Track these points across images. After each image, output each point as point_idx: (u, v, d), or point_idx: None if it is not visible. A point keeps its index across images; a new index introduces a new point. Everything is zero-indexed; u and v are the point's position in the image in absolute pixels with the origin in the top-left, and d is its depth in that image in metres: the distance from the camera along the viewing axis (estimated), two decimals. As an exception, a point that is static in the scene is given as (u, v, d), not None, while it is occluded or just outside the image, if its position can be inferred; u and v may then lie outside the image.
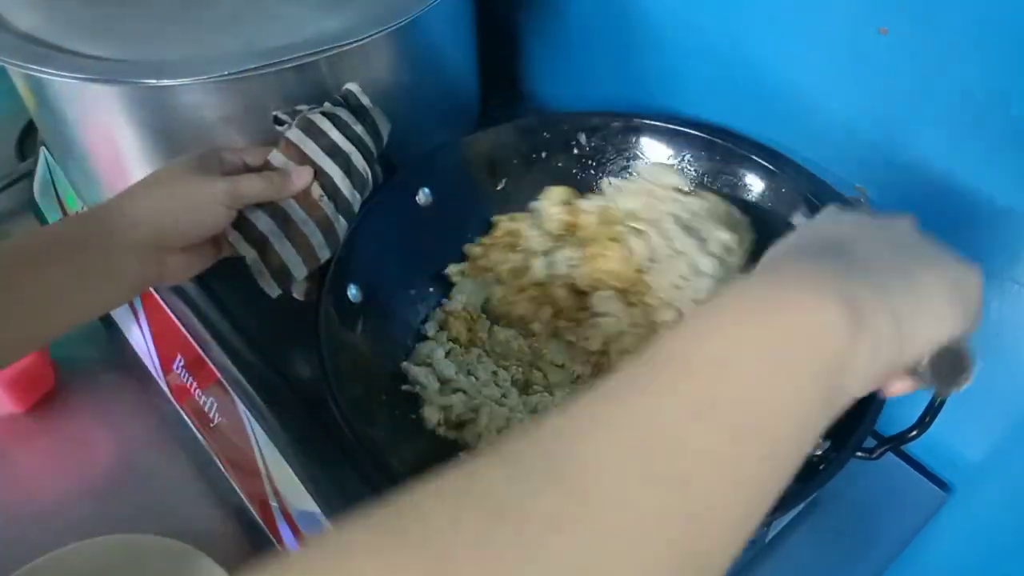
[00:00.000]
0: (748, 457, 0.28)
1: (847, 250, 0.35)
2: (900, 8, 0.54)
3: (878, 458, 0.51)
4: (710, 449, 0.27)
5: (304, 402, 0.65)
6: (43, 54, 0.60)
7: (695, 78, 0.74)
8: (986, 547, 0.72)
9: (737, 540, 0.28)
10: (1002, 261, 0.58)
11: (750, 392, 0.28)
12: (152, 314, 0.75)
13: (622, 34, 0.79)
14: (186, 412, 0.73)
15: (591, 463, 0.26)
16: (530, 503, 0.25)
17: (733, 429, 0.28)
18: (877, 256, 0.35)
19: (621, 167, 0.73)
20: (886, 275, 0.33)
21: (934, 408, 0.50)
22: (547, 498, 0.25)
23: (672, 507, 0.26)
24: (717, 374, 0.28)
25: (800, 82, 0.65)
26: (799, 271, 0.32)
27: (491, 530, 0.24)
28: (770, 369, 0.29)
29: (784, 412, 0.29)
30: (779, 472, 0.30)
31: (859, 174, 0.64)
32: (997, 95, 0.52)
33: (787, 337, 0.29)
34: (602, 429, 0.27)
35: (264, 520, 0.65)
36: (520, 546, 0.24)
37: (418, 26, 0.64)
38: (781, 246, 0.37)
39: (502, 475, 0.26)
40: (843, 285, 0.31)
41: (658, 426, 0.27)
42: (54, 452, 0.73)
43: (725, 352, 0.29)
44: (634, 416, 0.28)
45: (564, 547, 0.24)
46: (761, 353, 0.29)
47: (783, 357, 0.29)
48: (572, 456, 0.26)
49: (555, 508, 0.25)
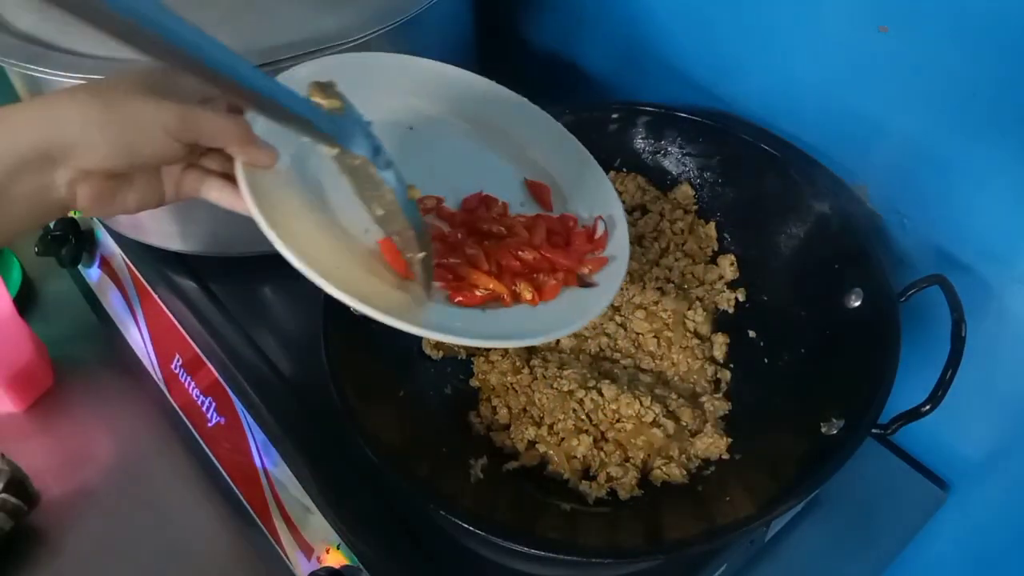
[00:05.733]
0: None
1: None
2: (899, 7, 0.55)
3: (892, 434, 0.51)
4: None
5: (302, 402, 0.65)
6: (41, 53, 0.60)
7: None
8: (985, 545, 0.72)
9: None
10: (1002, 254, 0.58)
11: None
12: (150, 314, 0.75)
13: (623, 32, 0.79)
14: (184, 412, 0.73)
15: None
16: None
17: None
18: None
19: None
20: None
21: (945, 382, 0.50)
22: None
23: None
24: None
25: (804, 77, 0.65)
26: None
27: None
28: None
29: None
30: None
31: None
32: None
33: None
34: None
35: (262, 519, 0.65)
36: None
37: (417, 25, 0.64)
38: None
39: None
40: None
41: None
42: (52, 451, 0.73)
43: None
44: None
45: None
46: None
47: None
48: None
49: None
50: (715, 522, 0.51)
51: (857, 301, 0.59)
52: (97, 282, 0.83)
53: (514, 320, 0.51)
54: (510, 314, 0.51)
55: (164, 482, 0.71)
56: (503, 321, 0.51)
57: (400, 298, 0.49)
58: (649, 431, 0.59)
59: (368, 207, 0.49)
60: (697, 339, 0.66)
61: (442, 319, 0.48)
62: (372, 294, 0.47)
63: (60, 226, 0.80)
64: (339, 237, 0.50)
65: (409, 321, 0.46)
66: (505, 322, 0.51)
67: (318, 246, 0.48)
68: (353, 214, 0.51)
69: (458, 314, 0.50)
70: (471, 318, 0.50)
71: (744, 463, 0.58)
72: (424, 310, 0.49)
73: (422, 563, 0.57)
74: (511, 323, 0.51)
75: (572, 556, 0.48)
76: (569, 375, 0.62)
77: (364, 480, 0.60)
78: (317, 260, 0.45)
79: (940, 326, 0.53)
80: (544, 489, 0.58)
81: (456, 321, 0.49)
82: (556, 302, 0.53)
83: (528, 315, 0.52)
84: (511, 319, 0.51)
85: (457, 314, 0.50)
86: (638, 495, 0.58)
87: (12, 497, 0.64)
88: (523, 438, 0.60)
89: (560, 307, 0.53)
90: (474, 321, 0.50)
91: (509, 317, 0.51)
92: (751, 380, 0.64)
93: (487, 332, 0.49)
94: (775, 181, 0.67)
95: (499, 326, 0.50)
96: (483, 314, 0.51)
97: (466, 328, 0.48)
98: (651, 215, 0.72)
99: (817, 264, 0.63)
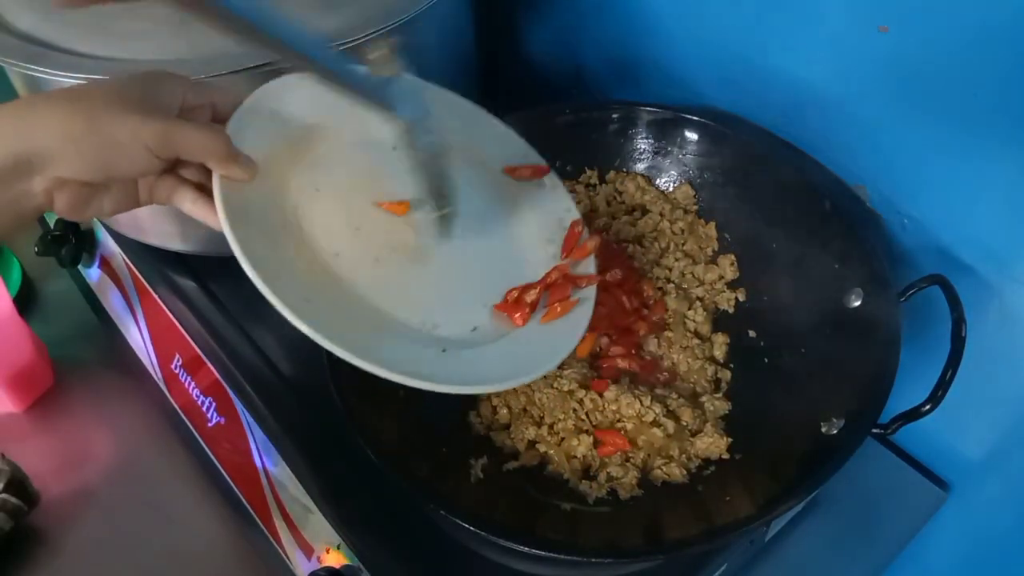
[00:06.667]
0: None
1: None
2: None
3: (892, 434, 0.51)
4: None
5: (302, 402, 0.65)
6: (41, 53, 0.60)
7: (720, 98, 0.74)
8: (985, 546, 0.72)
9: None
10: (1002, 254, 0.58)
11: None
12: (150, 314, 0.75)
13: (623, 32, 0.79)
14: (184, 412, 0.73)
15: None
16: None
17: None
18: None
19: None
20: None
21: (945, 382, 0.50)
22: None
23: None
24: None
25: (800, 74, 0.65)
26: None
27: None
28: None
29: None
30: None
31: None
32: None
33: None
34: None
35: (262, 519, 0.65)
36: None
37: (417, 25, 0.64)
38: None
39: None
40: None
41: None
42: (52, 451, 0.73)
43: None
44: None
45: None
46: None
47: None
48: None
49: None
50: (715, 522, 0.51)
51: (857, 301, 0.59)
52: (97, 282, 0.83)
53: (480, 362, 0.50)
54: (468, 357, 0.51)
55: (164, 482, 0.71)
56: (466, 364, 0.50)
57: (364, 338, 0.48)
58: (649, 431, 0.59)
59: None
60: (697, 339, 0.66)
61: (403, 356, 0.48)
62: (330, 324, 0.46)
63: (60, 226, 0.80)
64: (311, 264, 0.49)
65: (367, 359, 0.45)
66: (470, 364, 0.50)
67: (287, 271, 0.47)
68: (326, 237, 0.50)
69: (419, 352, 0.49)
70: (429, 360, 0.49)
71: (744, 463, 0.58)
72: (384, 347, 0.48)
73: (422, 563, 0.57)
74: (475, 365, 0.50)
75: (572, 556, 0.48)
76: (569, 375, 0.62)
77: (364, 480, 0.60)
78: (284, 287, 0.45)
79: (940, 326, 0.53)
80: (544, 489, 0.58)
81: (420, 365, 0.48)
82: (521, 341, 0.53)
83: (493, 356, 0.51)
84: (470, 362, 0.50)
85: (418, 352, 0.49)
86: (638, 495, 0.58)
87: (12, 497, 0.64)
88: (523, 438, 0.60)
89: (529, 344, 0.53)
90: (433, 363, 0.49)
91: (469, 360, 0.51)
92: (751, 380, 0.64)
93: (445, 376, 0.48)
94: (775, 181, 0.67)
95: (462, 370, 0.49)
96: (443, 355, 0.50)
97: (432, 373, 0.47)
98: (651, 215, 0.72)
99: (817, 264, 0.63)
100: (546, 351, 0.53)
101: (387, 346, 0.48)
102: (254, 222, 0.47)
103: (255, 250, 0.45)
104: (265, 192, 0.50)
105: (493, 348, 0.52)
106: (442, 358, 0.50)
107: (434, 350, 0.50)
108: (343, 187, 0.54)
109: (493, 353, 0.52)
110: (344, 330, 0.46)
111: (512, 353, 0.52)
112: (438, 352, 0.50)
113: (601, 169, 0.75)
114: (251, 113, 0.51)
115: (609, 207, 0.74)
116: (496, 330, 0.53)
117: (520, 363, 0.51)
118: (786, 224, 0.67)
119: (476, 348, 0.51)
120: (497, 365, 0.51)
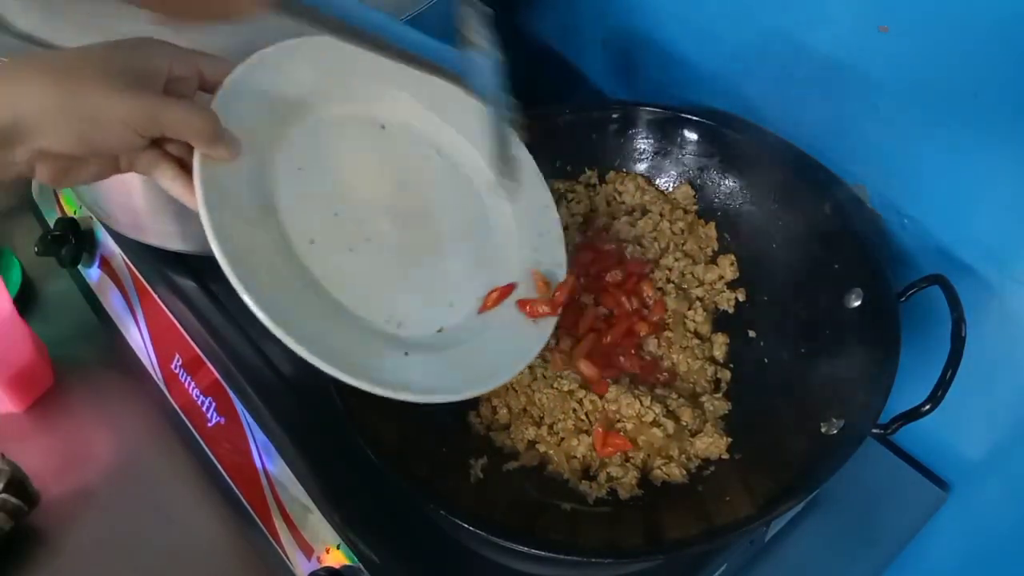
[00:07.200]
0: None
1: None
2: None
3: (892, 434, 0.51)
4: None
5: (302, 402, 0.65)
6: (41, 53, 0.60)
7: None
8: (985, 545, 0.72)
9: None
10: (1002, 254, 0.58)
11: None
12: (150, 314, 0.75)
13: (623, 32, 0.79)
14: (184, 412, 0.73)
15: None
16: None
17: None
18: None
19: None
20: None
21: (945, 382, 0.50)
22: None
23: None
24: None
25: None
26: None
27: None
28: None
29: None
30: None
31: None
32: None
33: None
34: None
35: (262, 519, 0.65)
36: None
37: (416, 25, 0.64)
38: None
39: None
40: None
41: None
42: (52, 451, 0.73)
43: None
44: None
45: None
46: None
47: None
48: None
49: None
50: (715, 522, 0.51)
51: (857, 301, 0.59)
52: (97, 282, 0.83)
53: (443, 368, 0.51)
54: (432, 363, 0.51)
55: (164, 482, 0.71)
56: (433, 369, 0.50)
57: (322, 332, 0.47)
58: (649, 431, 0.59)
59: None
60: (697, 339, 0.66)
61: (360, 356, 0.48)
62: (297, 321, 0.45)
63: (60, 226, 0.80)
64: (282, 251, 0.49)
65: (327, 360, 0.45)
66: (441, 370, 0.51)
67: (258, 260, 0.46)
68: (301, 224, 0.50)
69: (378, 353, 0.49)
70: (391, 365, 0.49)
71: (744, 463, 0.58)
72: (340, 344, 0.48)
73: (422, 563, 0.57)
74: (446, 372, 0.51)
75: (572, 556, 0.48)
76: (569, 375, 0.62)
77: (364, 480, 0.60)
78: (255, 278, 0.45)
79: (940, 326, 0.53)
80: (544, 489, 0.58)
81: (381, 370, 0.48)
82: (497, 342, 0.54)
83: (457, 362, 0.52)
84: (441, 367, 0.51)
85: (377, 353, 0.49)
86: (638, 495, 0.58)
87: (12, 497, 0.64)
88: (523, 438, 0.60)
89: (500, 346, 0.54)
90: (395, 369, 0.49)
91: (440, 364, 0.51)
92: (751, 380, 0.64)
93: (423, 384, 0.48)
94: (775, 181, 0.67)
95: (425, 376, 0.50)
96: (406, 358, 0.50)
97: (392, 379, 0.47)
98: (651, 215, 0.72)
99: (817, 264, 0.63)
100: (507, 360, 0.54)
101: (345, 343, 0.48)
102: (231, 206, 0.47)
103: (230, 236, 0.45)
104: (247, 171, 0.49)
105: (456, 352, 0.52)
106: (404, 362, 0.50)
107: (397, 354, 0.50)
108: (328, 167, 0.53)
109: (457, 357, 0.52)
110: (304, 320, 0.46)
111: (473, 360, 0.52)
112: (400, 356, 0.50)
113: (601, 169, 0.75)
114: (239, 87, 0.50)
115: (609, 207, 0.74)
116: (463, 331, 0.54)
117: (480, 371, 0.52)
118: (786, 224, 0.67)
119: (440, 352, 0.52)
120: (458, 371, 0.51)
